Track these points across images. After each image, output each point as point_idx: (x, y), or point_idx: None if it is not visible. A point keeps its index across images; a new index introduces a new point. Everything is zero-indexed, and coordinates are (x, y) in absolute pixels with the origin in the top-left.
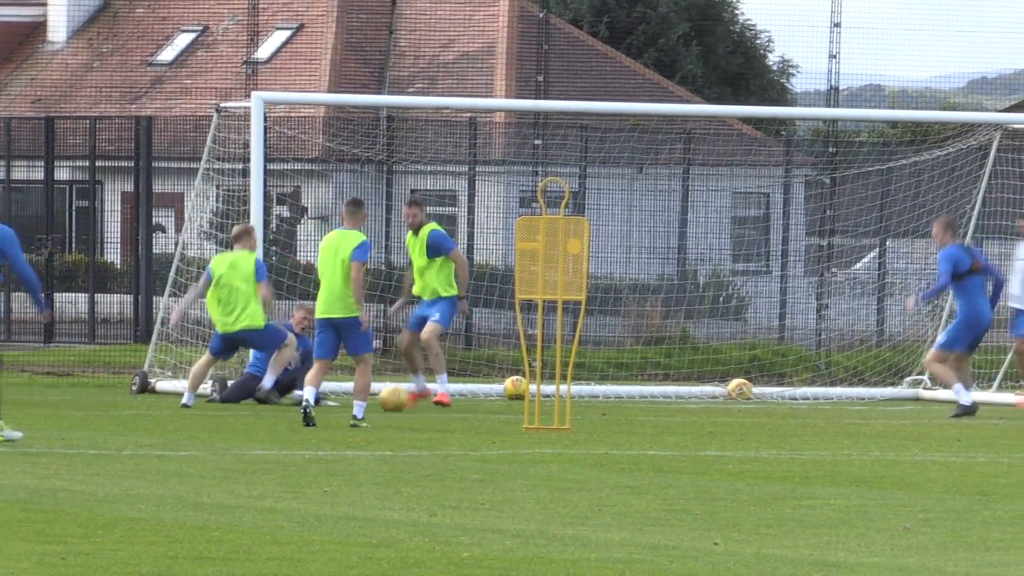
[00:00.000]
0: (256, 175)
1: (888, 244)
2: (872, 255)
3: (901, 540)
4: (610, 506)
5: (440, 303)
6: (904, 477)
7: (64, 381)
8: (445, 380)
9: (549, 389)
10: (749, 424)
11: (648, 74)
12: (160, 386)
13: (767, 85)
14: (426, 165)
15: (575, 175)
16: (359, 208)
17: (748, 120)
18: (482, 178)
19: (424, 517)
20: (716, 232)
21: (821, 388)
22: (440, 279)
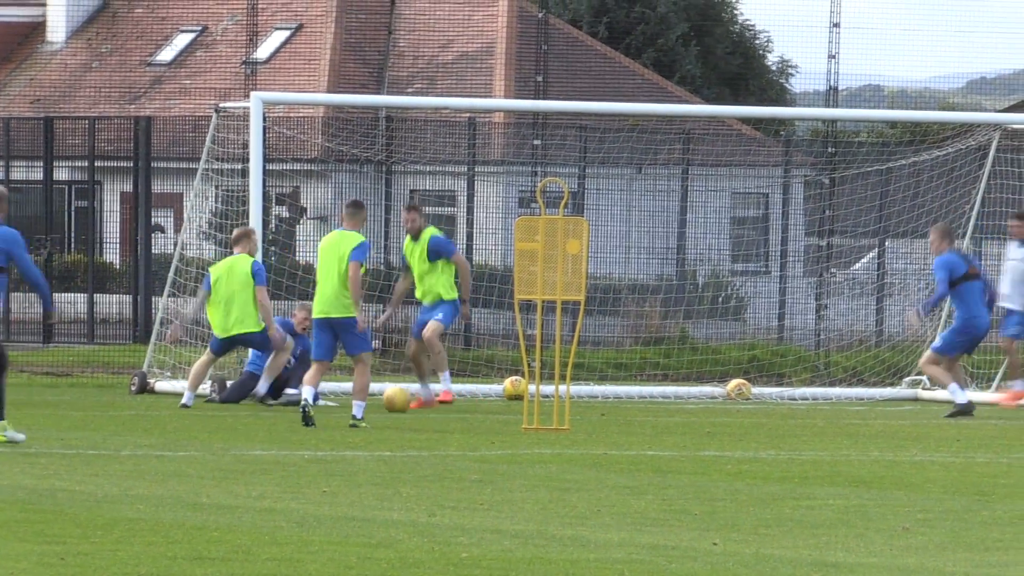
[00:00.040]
0: (255, 175)
1: (887, 244)
2: (871, 255)
3: (900, 540)
4: (609, 506)
5: (443, 305)
6: (903, 477)
7: (63, 381)
8: (448, 377)
9: (548, 389)
10: (748, 424)
11: (647, 74)
12: (159, 386)
13: (766, 85)
14: (425, 165)
15: (574, 175)
16: (359, 210)
17: (747, 120)
18: (481, 178)
19: (423, 517)
20: (715, 232)
21: (820, 388)
22: (442, 282)
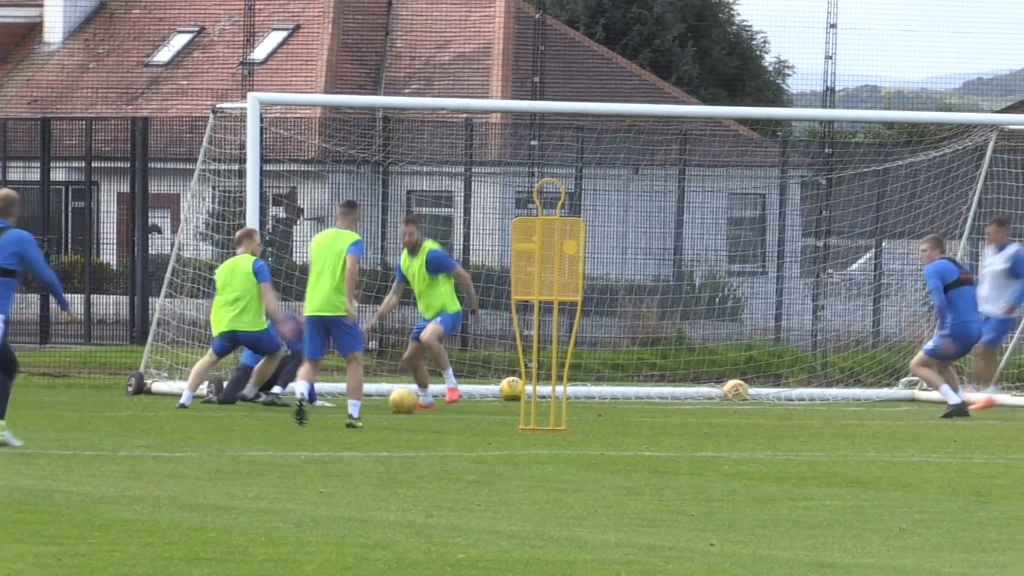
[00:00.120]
0: (252, 176)
1: (884, 245)
2: (868, 256)
3: (897, 541)
4: (606, 507)
5: (445, 314)
6: (900, 478)
7: (60, 382)
8: (451, 375)
9: (545, 390)
10: (745, 425)
11: (644, 75)
12: (156, 387)
13: (763, 86)
14: (422, 166)
15: (571, 176)
16: (353, 209)
17: (744, 121)
18: (478, 179)
19: (420, 518)
20: (712, 233)
21: (817, 389)
22: (444, 295)
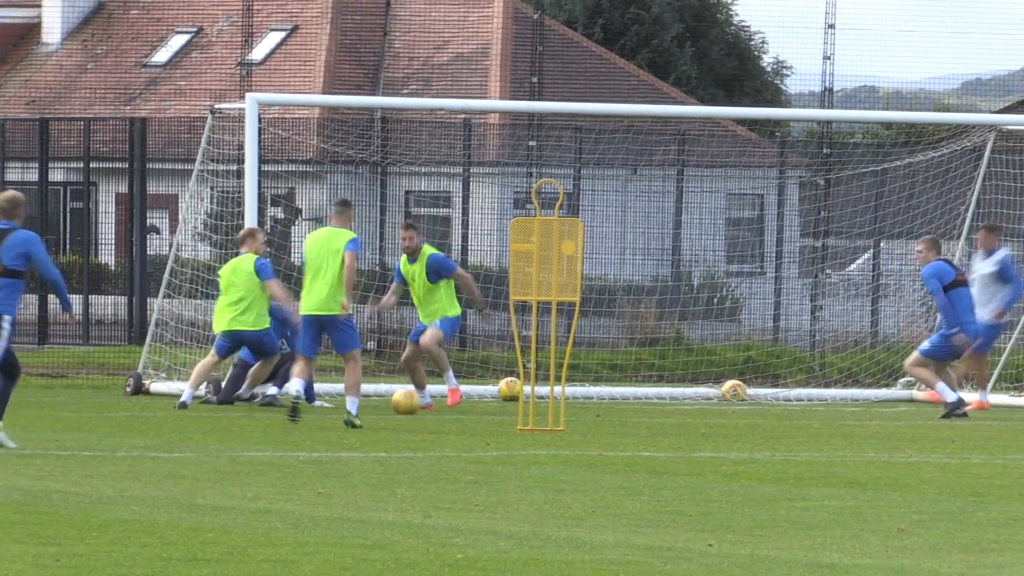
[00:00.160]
0: (250, 176)
1: (882, 245)
2: (866, 256)
3: (895, 541)
4: (604, 507)
5: (445, 319)
6: (898, 478)
7: (58, 382)
8: (452, 377)
9: (543, 390)
10: (743, 425)
11: (642, 75)
12: (154, 387)
13: (761, 86)
14: (420, 167)
15: (569, 176)
16: (347, 208)
17: (742, 121)
18: (476, 179)
19: (418, 519)
20: (710, 233)
21: (815, 389)
22: (444, 301)
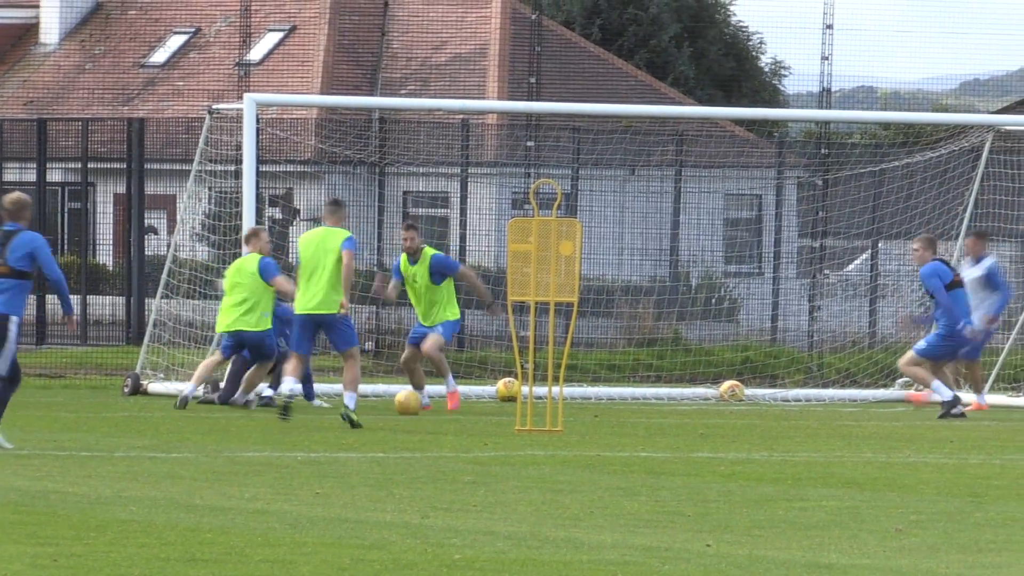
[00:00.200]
0: (248, 177)
1: (880, 246)
2: (864, 257)
3: (893, 542)
4: (602, 508)
5: (445, 324)
6: (896, 479)
7: (56, 383)
8: (452, 381)
9: (541, 391)
10: (741, 426)
11: (640, 76)
12: (152, 388)
13: (759, 87)
14: (418, 167)
15: (567, 177)
16: (340, 207)
17: (740, 122)
18: (474, 180)
19: (416, 519)
20: (708, 234)
21: (813, 390)
22: (443, 302)
